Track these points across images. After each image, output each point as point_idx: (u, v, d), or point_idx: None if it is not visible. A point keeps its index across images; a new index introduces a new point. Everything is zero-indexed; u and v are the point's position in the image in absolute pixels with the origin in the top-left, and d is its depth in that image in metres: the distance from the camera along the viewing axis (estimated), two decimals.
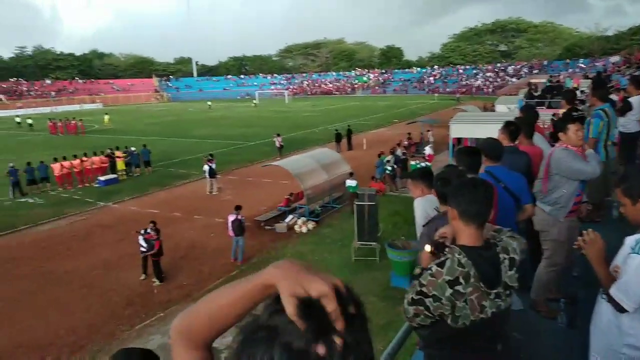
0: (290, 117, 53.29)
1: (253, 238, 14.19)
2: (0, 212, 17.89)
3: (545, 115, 11.62)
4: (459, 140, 19.31)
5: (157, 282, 11.42)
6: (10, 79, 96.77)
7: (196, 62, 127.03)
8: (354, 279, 11.08)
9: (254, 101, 77.59)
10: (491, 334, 2.22)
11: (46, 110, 75.44)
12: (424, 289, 2.13)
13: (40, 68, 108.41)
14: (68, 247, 14.14)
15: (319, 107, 68.04)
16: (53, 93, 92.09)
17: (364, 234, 12.62)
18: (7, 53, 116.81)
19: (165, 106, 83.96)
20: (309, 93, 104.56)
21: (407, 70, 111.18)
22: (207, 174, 19.97)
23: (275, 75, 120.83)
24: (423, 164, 18.92)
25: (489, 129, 6.19)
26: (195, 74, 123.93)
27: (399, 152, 21.86)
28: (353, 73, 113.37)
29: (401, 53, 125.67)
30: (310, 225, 15.26)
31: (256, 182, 21.62)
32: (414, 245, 9.90)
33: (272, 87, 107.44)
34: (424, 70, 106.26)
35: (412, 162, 20.95)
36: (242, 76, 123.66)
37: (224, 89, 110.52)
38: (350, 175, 18.18)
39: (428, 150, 23.85)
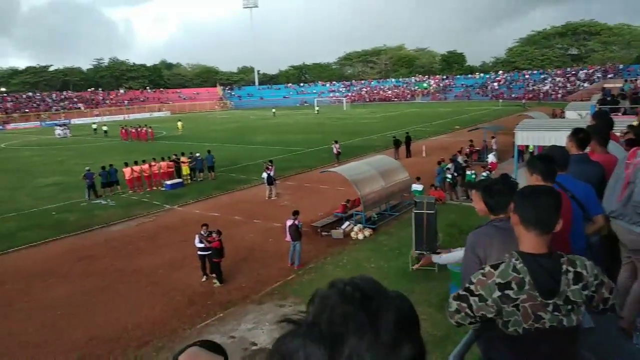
0: (349, 124, 53.39)
1: (310, 243, 14.30)
2: (78, 213, 19.25)
3: (621, 123, 10.85)
4: (525, 147, 18.48)
5: (217, 283, 11.79)
6: (89, 89, 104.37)
7: (258, 71, 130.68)
8: (412, 288, 10.87)
9: (316, 108, 78.54)
10: (550, 349, 2.11)
11: (120, 118, 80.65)
12: (471, 287, 2.12)
13: (115, 78, 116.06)
14: (137, 247, 14.96)
15: (378, 113, 67.69)
16: (126, 102, 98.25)
17: (422, 243, 12.34)
18: (86, 65, 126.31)
19: (228, 114, 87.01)
20: (367, 100, 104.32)
21: (469, 75, 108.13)
22: (265, 181, 20.44)
23: (334, 82, 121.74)
24: (484, 174, 18.24)
25: (558, 137, 5.85)
26: (257, 82, 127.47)
27: (460, 159, 21.25)
28: (413, 79, 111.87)
29: (463, 58, 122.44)
30: (367, 232, 15.16)
31: (313, 188, 21.82)
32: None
33: (331, 94, 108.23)
34: (487, 76, 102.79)
35: (467, 172, 20.02)
36: (301, 84, 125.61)
37: (284, 97, 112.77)
38: (417, 179, 18.02)
39: (491, 158, 22.98)
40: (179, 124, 53.51)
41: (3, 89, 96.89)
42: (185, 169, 24.26)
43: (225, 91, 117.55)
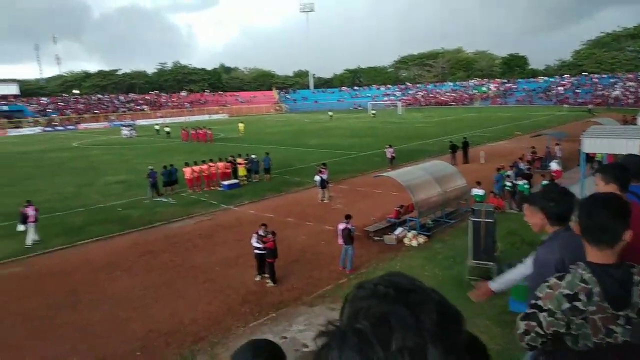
0: (403, 128, 52.70)
1: (362, 248, 14.22)
2: (141, 210, 20.23)
3: None
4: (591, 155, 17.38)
5: (270, 283, 11.97)
6: (153, 92, 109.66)
7: (313, 75, 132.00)
8: (467, 299, 10.50)
9: (372, 111, 78.31)
10: None
11: (181, 119, 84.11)
12: (539, 302, 2.03)
13: (178, 82, 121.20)
14: (194, 244, 15.49)
15: (433, 118, 66.36)
16: (187, 104, 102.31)
17: (480, 252, 11.92)
18: (151, 68, 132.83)
19: (282, 117, 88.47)
20: (423, 104, 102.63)
21: (531, 79, 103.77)
22: (318, 184, 20.56)
23: (388, 86, 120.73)
24: (544, 183, 17.36)
25: (631, 145, 5.46)
26: (311, 86, 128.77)
27: (522, 166, 20.37)
28: (471, 83, 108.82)
29: (525, 61, 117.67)
30: (421, 239, 14.86)
31: (366, 192, 21.70)
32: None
33: (385, 98, 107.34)
34: (551, 80, 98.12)
35: (520, 182, 18.45)
36: (355, 88, 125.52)
37: (338, 101, 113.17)
38: (478, 184, 17.52)
39: (554, 165, 21.85)
40: (240, 125, 55.12)
41: (76, 92, 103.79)
42: (241, 170, 24.87)
43: (280, 95, 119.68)
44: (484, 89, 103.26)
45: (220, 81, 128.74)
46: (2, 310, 11.16)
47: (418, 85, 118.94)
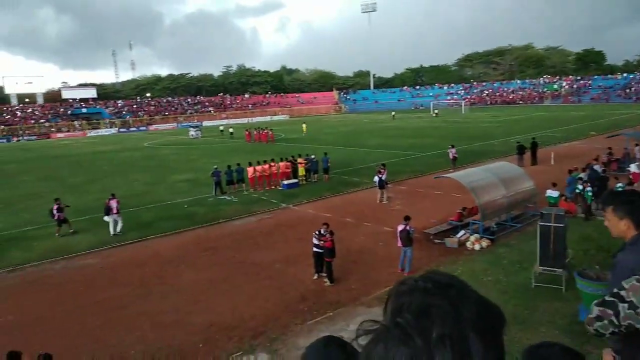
0: (467, 128, 51.06)
1: (421, 250, 13.93)
2: (206, 207, 21.06)
3: None
4: None
5: (328, 283, 12.03)
6: (218, 94, 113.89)
7: (373, 75, 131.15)
8: (534, 306, 10.00)
9: (435, 111, 76.77)
10: None
11: (244, 120, 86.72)
12: (622, 292, 1.93)
13: (242, 84, 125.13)
14: (255, 242, 15.89)
15: (499, 117, 63.75)
16: (250, 106, 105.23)
17: (549, 258, 11.27)
18: (217, 71, 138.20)
19: (342, 117, 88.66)
20: (488, 103, 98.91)
21: (609, 76, 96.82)
22: (377, 185, 20.37)
23: (452, 85, 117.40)
24: (619, 185, 16.09)
25: None
26: (372, 86, 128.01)
27: (597, 168, 19.05)
28: (541, 81, 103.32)
29: (602, 57, 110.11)
30: (484, 243, 14.30)
31: (427, 194, 21.23)
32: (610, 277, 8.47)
33: (448, 97, 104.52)
34: (631, 76, 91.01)
35: (579, 186, 16.99)
36: (417, 87, 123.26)
37: (399, 100, 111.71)
38: (554, 185, 16.68)
39: (634, 167, 20.23)
40: (304, 126, 56.05)
41: (148, 94, 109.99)
42: (301, 170, 25.20)
43: (340, 95, 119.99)
44: (555, 86, 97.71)
45: (282, 83, 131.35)
46: (80, 299, 12.04)
47: (483, 83, 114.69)
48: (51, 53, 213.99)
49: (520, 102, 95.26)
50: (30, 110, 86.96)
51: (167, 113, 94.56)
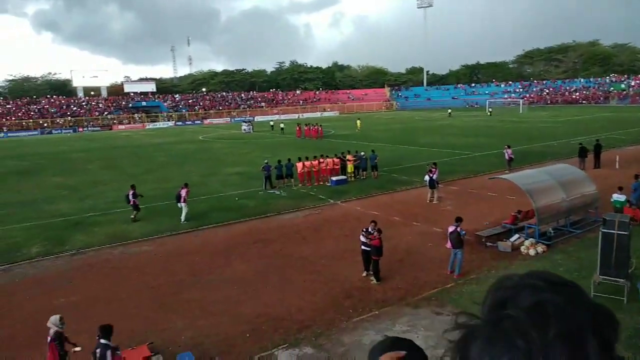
0: (525, 128, 49.01)
1: (472, 253, 13.54)
2: (256, 200, 21.47)
3: None
4: None
5: (374, 281, 11.94)
6: (270, 90, 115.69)
7: (427, 72, 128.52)
8: None
9: (489, 109, 74.41)
10: None
11: (294, 116, 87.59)
12: None
13: (294, 80, 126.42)
14: (302, 236, 16.03)
15: (560, 117, 60.74)
16: (301, 102, 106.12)
17: (610, 267, 10.63)
18: (270, 67, 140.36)
19: (393, 114, 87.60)
20: (548, 102, 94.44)
21: None
22: (427, 184, 19.96)
23: (509, 83, 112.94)
24: None
25: None
26: (425, 83, 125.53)
27: None
28: (607, 79, 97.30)
29: None
30: (540, 248, 13.69)
31: (479, 195, 20.58)
32: None
33: (505, 95, 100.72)
34: None
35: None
36: (472, 84, 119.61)
37: (453, 98, 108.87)
38: (620, 189, 15.78)
39: None
40: (358, 122, 55.98)
41: (204, 89, 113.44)
42: (350, 167, 25.14)
43: (392, 92, 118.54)
44: (622, 86, 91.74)
45: (333, 79, 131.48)
46: (136, 284, 12.64)
47: (544, 81, 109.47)
48: (115, 48, 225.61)
49: (584, 101, 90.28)
50: (95, 102, 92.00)
51: (221, 107, 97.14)
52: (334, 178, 24.29)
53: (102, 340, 7.18)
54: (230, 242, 15.72)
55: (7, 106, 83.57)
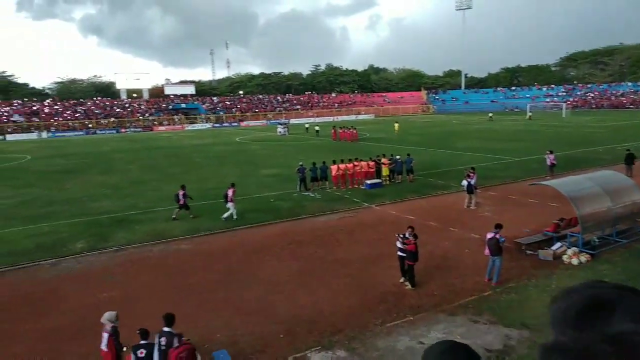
0: (568, 133, 47.37)
1: (511, 261, 13.17)
2: (290, 202, 21.63)
3: None
4: None
5: (409, 286, 11.79)
6: (306, 92, 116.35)
7: (465, 75, 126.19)
8: None
9: (529, 114, 72.42)
10: None
11: (329, 119, 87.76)
12: None
13: (329, 83, 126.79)
14: (336, 239, 16.02)
15: (606, 122, 58.36)
16: (336, 104, 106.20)
17: None
18: (305, 70, 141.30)
19: (429, 118, 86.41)
20: (593, 106, 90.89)
21: None
22: (465, 189, 19.56)
23: (552, 86, 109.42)
24: None
25: None
26: (463, 86, 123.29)
27: None
28: None
29: None
30: (583, 257, 13.17)
31: (519, 201, 20.01)
32: None
33: (548, 99, 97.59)
34: None
35: None
36: (513, 88, 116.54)
37: (492, 101, 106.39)
38: None
39: None
40: (396, 125, 55.68)
41: (241, 92, 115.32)
42: (385, 170, 24.95)
43: (429, 95, 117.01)
44: None
45: (369, 82, 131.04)
46: (174, 281, 12.95)
47: (588, 85, 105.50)
48: (156, 51, 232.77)
49: (631, 106, 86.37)
50: (136, 104, 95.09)
51: (257, 110, 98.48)
52: (368, 181, 24.16)
53: (166, 329, 7.54)
54: (265, 243, 15.89)
55: (55, 107, 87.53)
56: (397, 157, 25.85)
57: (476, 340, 8.91)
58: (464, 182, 19.63)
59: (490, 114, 74.54)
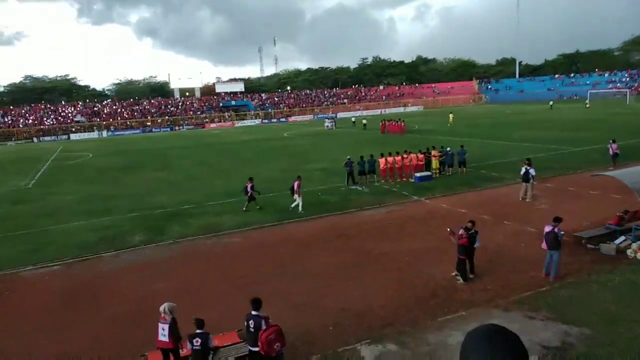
0: (632, 121, 44.41)
1: (570, 255, 12.53)
2: (338, 196, 21.64)
3: None
4: None
5: (460, 281, 11.50)
6: (353, 86, 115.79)
7: (519, 62, 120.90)
8: None
9: (587, 102, 68.63)
10: None
11: (377, 112, 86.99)
12: None
13: (377, 75, 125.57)
14: (384, 232, 15.87)
15: None
16: (384, 97, 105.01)
17: None
18: (353, 64, 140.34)
19: (481, 108, 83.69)
20: None
21: None
22: (522, 177, 18.73)
23: (615, 72, 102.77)
24: None
25: None
26: (517, 74, 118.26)
27: None
28: None
29: None
30: None
31: (579, 193, 19.00)
32: None
33: (610, 85, 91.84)
34: None
35: None
36: (571, 75, 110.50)
37: (549, 90, 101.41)
38: None
39: None
40: (450, 116, 54.52)
41: (288, 88, 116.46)
42: (435, 163, 24.41)
43: (481, 85, 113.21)
44: None
45: (417, 73, 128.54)
46: (226, 273, 13.31)
47: None
48: (206, 51, 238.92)
49: None
50: (189, 102, 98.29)
51: (304, 105, 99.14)
52: (417, 174, 23.74)
53: (254, 312, 8.01)
54: (313, 236, 15.99)
55: (114, 107, 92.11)
56: (448, 149, 25.21)
57: (532, 337, 8.56)
58: (523, 169, 18.77)
59: (551, 102, 71.25)
